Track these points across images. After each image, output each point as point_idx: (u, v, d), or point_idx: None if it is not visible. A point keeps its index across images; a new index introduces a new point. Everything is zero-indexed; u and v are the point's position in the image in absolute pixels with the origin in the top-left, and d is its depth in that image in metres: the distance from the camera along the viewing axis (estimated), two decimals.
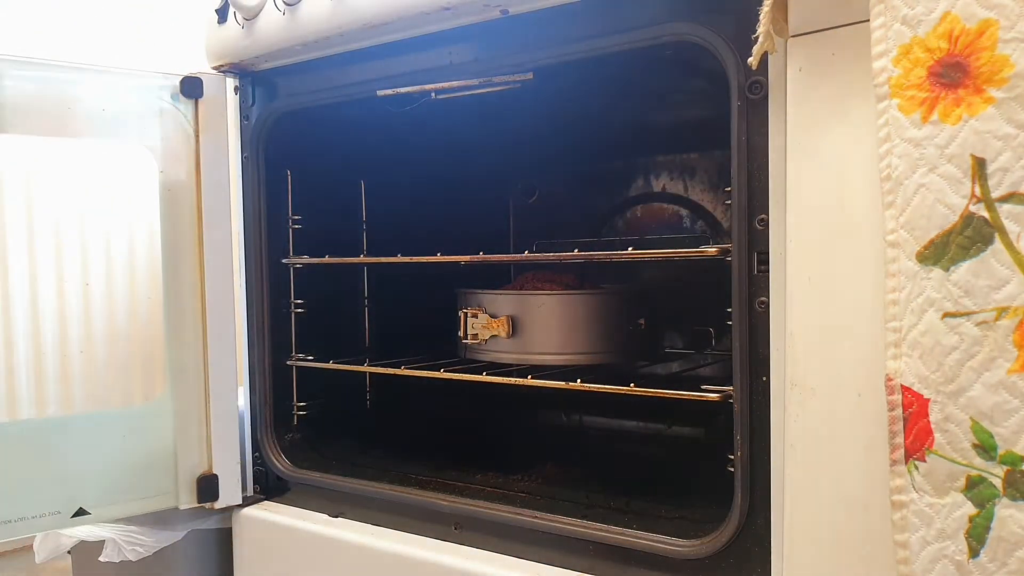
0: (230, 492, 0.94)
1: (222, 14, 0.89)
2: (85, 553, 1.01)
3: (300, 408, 1.02)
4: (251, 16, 0.86)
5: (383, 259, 0.98)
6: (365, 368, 0.98)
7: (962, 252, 0.47)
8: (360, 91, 0.87)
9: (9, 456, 0.84)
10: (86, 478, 0.87)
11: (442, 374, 0.92)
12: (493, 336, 0.93)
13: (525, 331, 0.93)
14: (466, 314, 0.95)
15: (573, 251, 0.86)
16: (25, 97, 0.84)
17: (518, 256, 0.85)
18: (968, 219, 0.46)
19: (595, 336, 0.95)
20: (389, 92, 0.84)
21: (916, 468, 0.49)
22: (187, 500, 0.93)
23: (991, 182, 0.46)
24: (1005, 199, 0.45)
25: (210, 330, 0.92)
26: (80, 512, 0.84)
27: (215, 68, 0.94)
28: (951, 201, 0.47)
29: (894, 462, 0.50)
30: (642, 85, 1.02)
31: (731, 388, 0.66)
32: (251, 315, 0.98)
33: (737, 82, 0.62)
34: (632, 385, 0.79)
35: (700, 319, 1.14)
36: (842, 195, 0.55)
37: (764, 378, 0.62)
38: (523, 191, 1.36)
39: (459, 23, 0.77)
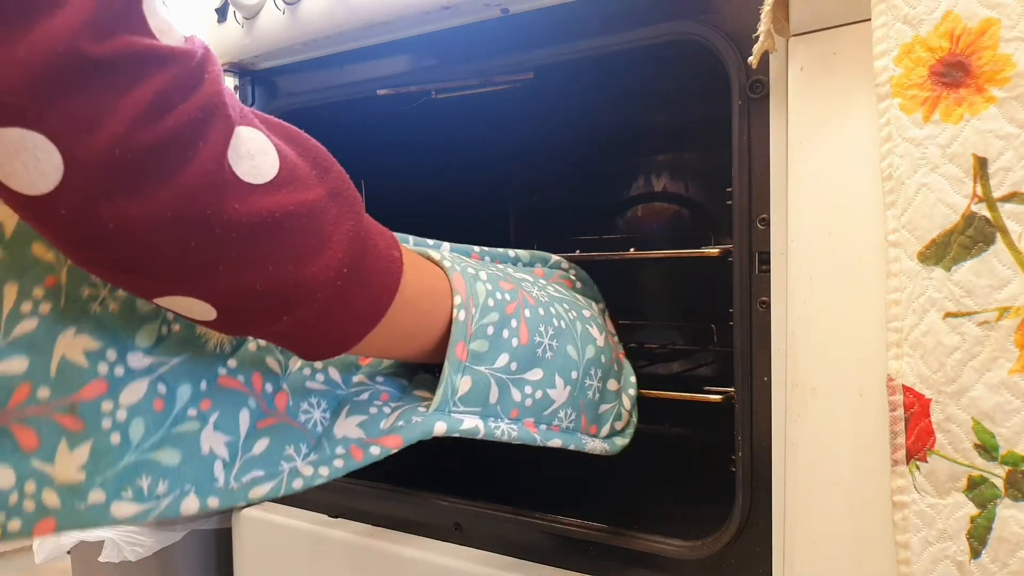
0: None
1: (222, 13, 0.89)
2: (85, 553, 1.01)
3: None
4: (251, 15, 0.86)
5: None
6: None
7: (964, 252, 0.47)
8: (360, 91, 0.87)
9: None
10: None
11: None
12: None
13: None
14: None
15: (575, 251, 0.86)
16: None
17: None
18: (970, 219, 0.46)
19: None
20: (389, 92, 0.84)
21: (917, 468, 0.49)
22: None
23: (993, 181, 0.45)
24: (1007, 199, 0.45)
25: None
26: None
27: None
28: (953, 201, 0.47)
29: (895, 462, 0.50)
30: (643, 84, 1.02)
31: (732, 389, 0.65)
32: None
33: (738, 81, 0.62)
34: None
35: (701, 318, 1.14)
36: (843, 195, 0.55)
37: (765, 378, 0.62)
38: (523, 191, 1.36)
39: (459, 22, 0.77)
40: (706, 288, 1.06)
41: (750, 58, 0.58)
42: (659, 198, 1.21)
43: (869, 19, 0.50)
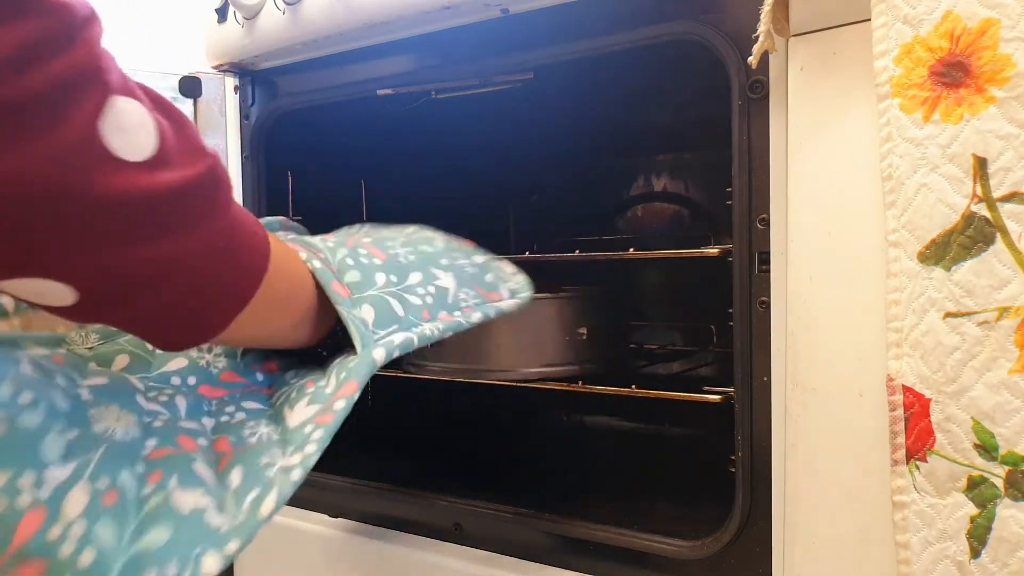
0: None
1: (222, 13, 0.89)
2: None
3: None
4: (251, 15, 0.86)
5: None
6: None
7: (963, 252, 0.47)
8: (360, 91, 0.87)
9: None
10: None
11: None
12: None
13: (448, 341, 0.75)
14: None
15: (574, 251, 0.85)
16: None
17: (518, 256, 0.84)
18: (969, 219, 0.46)
19: (528, 347, 0.85)
20: (389, 92, 0.84)
21: (917, 468, 0.49)
22: None
23: (992, 181, 0.46)
24: (1007, 199, 0.45)
25: None
26: None
27: (215, 67, 0.94)
28: (952, 201, 0.47)
29: (895, 462, 0.50)
30: (643, 84, 1.02)
31: (732, 389, 0.65)
32: None
33: (738, 81, 0.62)
34: (634, 387, 0.79)
35: (701, 318, 1.14)
36: (843, 195, 0.55)
37: (765, 378, 0.62)
38: (523, 191, 1.36)
39: (459, 22, 0.77)
40: (706, 288, 1.06)
41: (750, 58, 0.58)
42: (659, 198, 1.21)
43: (869, 19, 0.50)
